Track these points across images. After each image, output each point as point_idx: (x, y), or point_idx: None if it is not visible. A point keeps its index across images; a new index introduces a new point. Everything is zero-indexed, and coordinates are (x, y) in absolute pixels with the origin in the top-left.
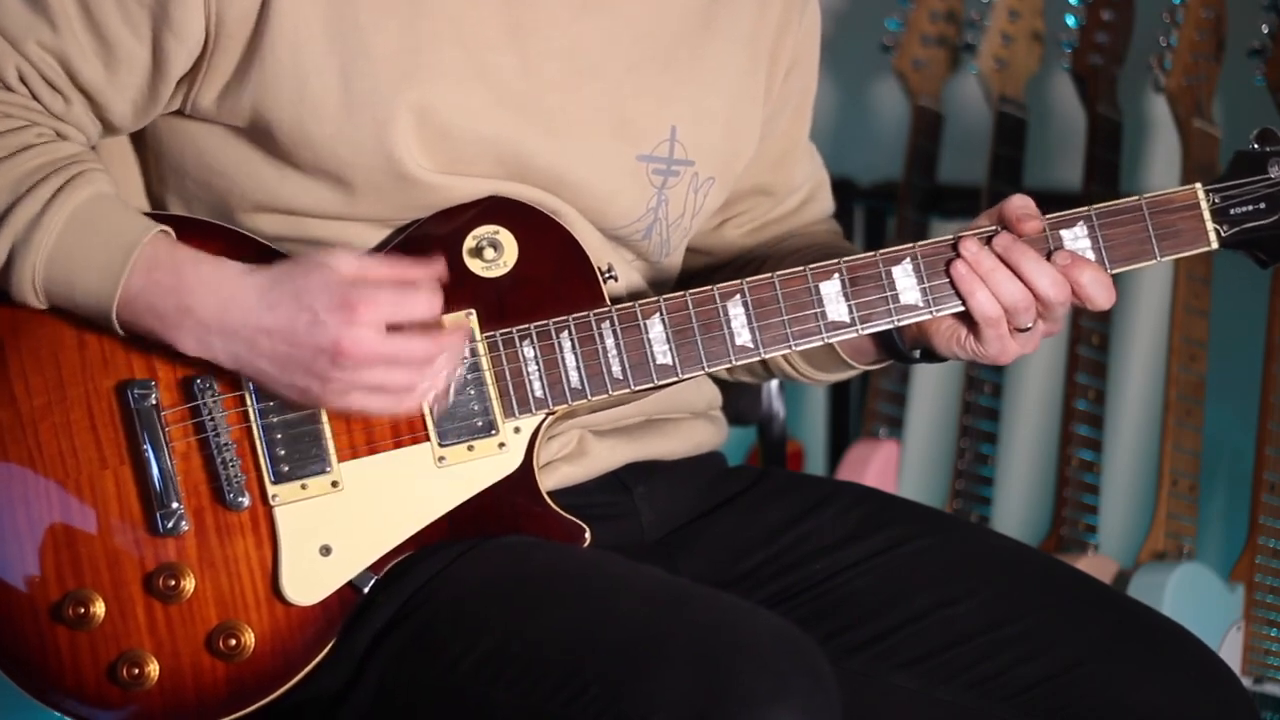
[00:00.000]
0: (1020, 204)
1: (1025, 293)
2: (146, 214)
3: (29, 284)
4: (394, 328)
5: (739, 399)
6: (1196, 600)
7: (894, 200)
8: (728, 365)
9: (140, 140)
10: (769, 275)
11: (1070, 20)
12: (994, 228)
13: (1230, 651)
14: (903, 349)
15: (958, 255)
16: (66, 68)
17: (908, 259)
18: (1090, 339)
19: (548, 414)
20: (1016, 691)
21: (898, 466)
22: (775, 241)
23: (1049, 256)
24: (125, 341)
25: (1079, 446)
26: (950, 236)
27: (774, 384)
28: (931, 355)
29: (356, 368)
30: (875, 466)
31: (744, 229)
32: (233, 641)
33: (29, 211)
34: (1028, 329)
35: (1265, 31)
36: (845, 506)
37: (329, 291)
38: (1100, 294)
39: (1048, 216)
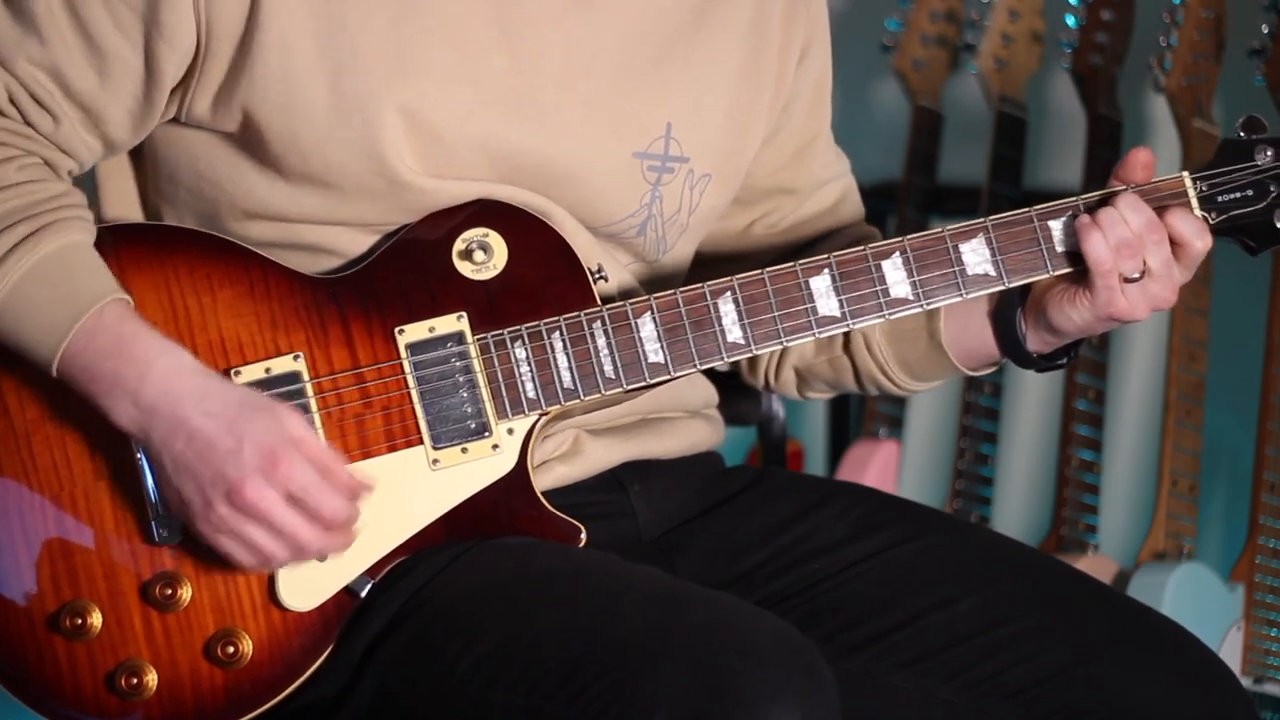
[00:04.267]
0: (1131, 156)
1: (1131, 234)
2: (140, 224)
3: None
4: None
5: (739, 399)
6: (1196, 600)
7: (894, 200)
8: (720, 362)
9: (137, 150)
10: (759, 272)
11: (1070, 20)
12: (984, 220)
13: (1230, 651)
14: (1021, 341)
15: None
16: (59, 79)
17: (897, 253)
18: (1090, 339)
19: (541, 415)
20: (1016, 691)
21: (898, 466)
22: (809, 241)
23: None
24: None
25: (1079, 446)
26: (940, 230)
27: None
28: (1049, 361)
29: (243, 516)
30: (875, 466)
31: (774, 230)
32: (231, 649)
33: None
34: (1135, 279)
35: (1265, 31)
36: (844, 506)
37: (265, 436)
38: (1190, 232)
39: (1036, 208)
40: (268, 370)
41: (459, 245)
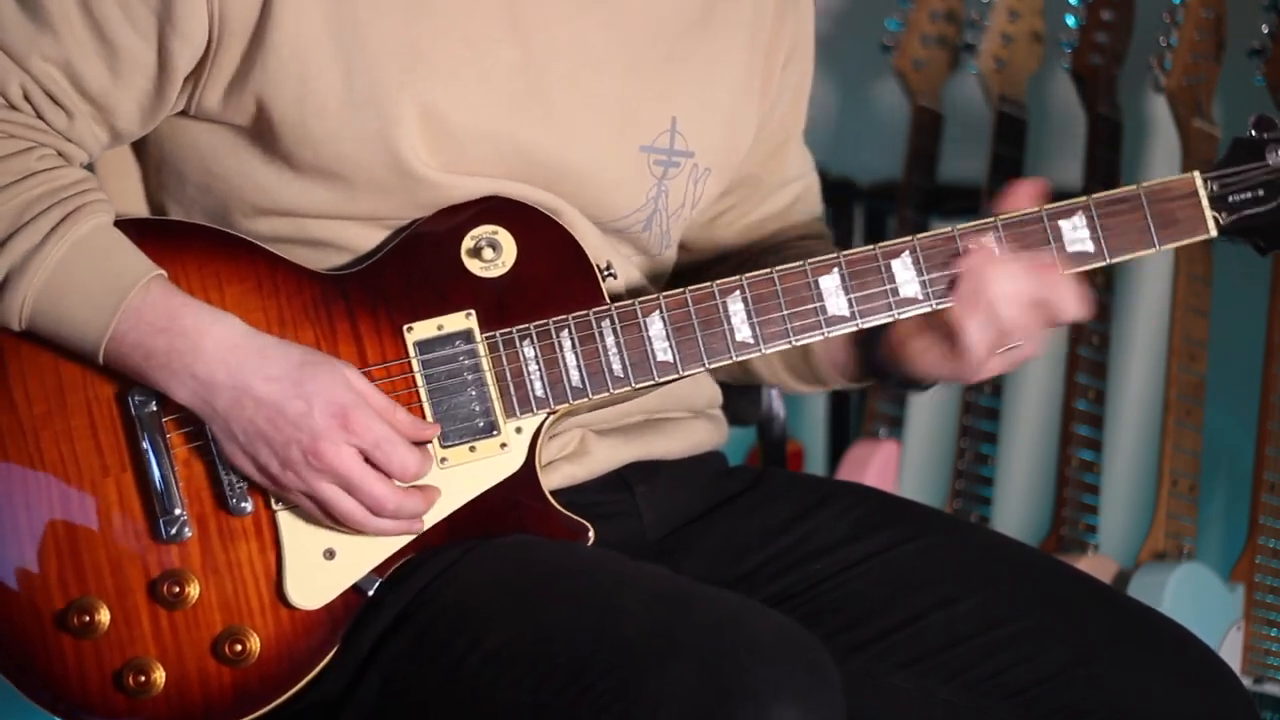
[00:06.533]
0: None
1: (1004, 322)
2: (147, 219)
3: (15, 312)
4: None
5: (739, 399)
6: (1196, 600)
7: (894, 200)
8: (728, 361)
9: (142, 147)
10: (768, 271)
11: (1070, 20)
12: (993, 219)
13: (1230, 651)
14: (884, 368)
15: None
16: (71, 76)
17: (907, 252)
18: (1090, 339)
19: (549, 413)
20: (1016, 691)
21: (898, 466)
22: (762, 240)
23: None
24: None
25: (1079, 446)
26: (949, 229)
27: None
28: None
29: (320, 475)
30: (875, 466)
31: (733, 228)
32: (238, 647)
33: (28, 243)
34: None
35: (1265, 31)
36: (845, 506)
37: (332, 393)
38: (1069, 305)
39: (1046, 207)
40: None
41: (468, 243)
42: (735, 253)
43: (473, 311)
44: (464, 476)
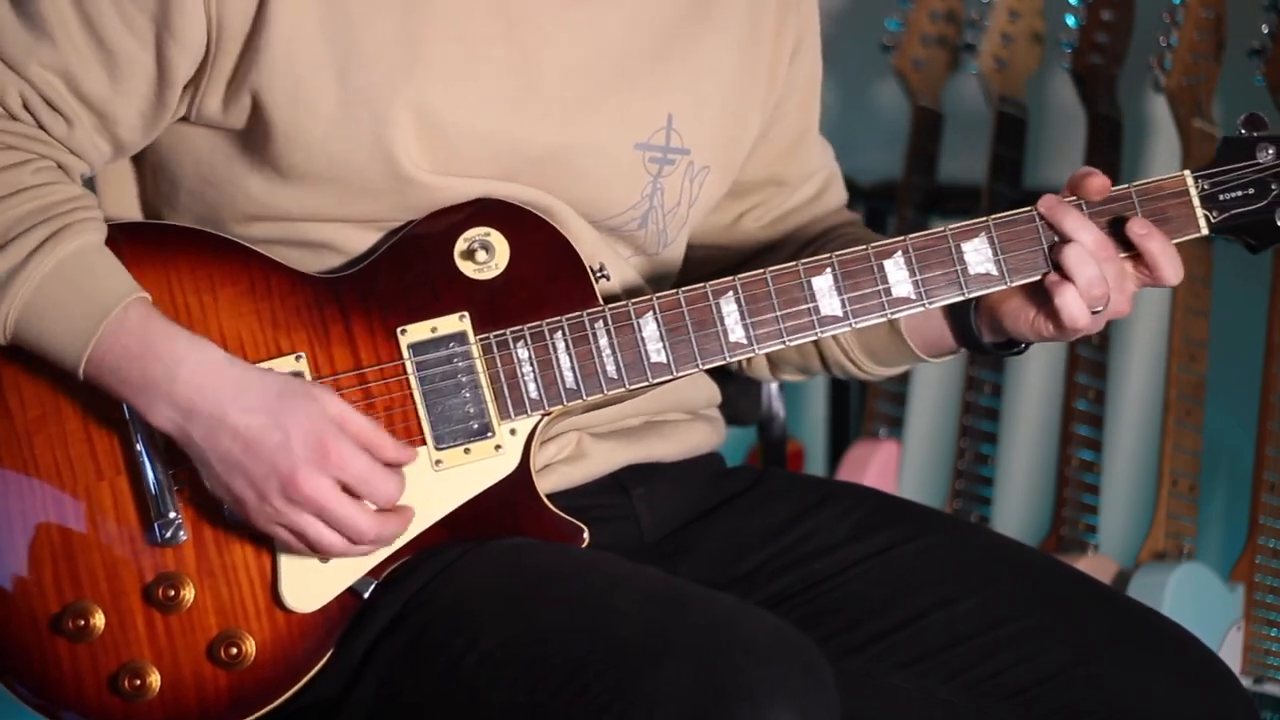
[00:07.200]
0: (1083, 170)
1: (1097, 274)
2: (140, 223)
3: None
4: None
5: (739, 399)
6: (1196, 600)
7: (894, 200)
8: (721, 362)
9: (137, 154)
10: (761, 271)
11: (1070, 20)
12: (986, 219)
13: (1230, 651)
14: (978, 335)
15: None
16: (70, 82)
17: (899, 252)
18: (1090, 339)
19: (543, 415)
20: (1016, 691)
21: (898, 466)
22: (794, 232)
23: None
24: None
25: (1079, 446)
26: (941, 229)
27: (774, 384)
28: (1006, 346)
29: (298, 507)
30: (875, 466)
31: (762, 222)
32: (234, 650)
33: (11, 260)
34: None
35: (1265, 31)
36: (845, 507)
37: (310, 424)
38: (1168, 266)
39: (1037, 207)
40: (270, 371)
41: (461, 245)
42: (770, 246)
43: (466, 314)
44: (458, 478)
